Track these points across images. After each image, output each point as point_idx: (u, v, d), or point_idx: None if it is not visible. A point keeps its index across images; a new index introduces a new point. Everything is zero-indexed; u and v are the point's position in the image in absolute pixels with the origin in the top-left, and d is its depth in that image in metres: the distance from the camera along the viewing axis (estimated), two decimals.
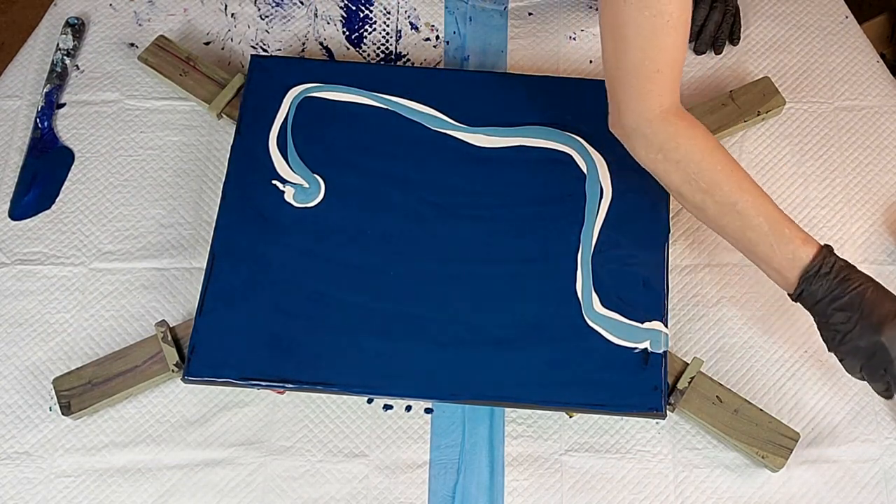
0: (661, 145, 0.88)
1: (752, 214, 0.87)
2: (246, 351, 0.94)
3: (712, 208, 0.88)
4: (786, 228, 0.87)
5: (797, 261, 0.86)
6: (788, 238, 0.86)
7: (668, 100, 0.88)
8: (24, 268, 1.03)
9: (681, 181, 0.89)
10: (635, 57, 0.84)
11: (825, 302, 0.86)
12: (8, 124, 1.11)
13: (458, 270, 0.98)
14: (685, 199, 0.90)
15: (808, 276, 0.85)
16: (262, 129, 1.04)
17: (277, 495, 0.93)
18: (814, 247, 0.86)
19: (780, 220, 0.87)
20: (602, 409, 0.92)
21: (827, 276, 0.85)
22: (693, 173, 0.87)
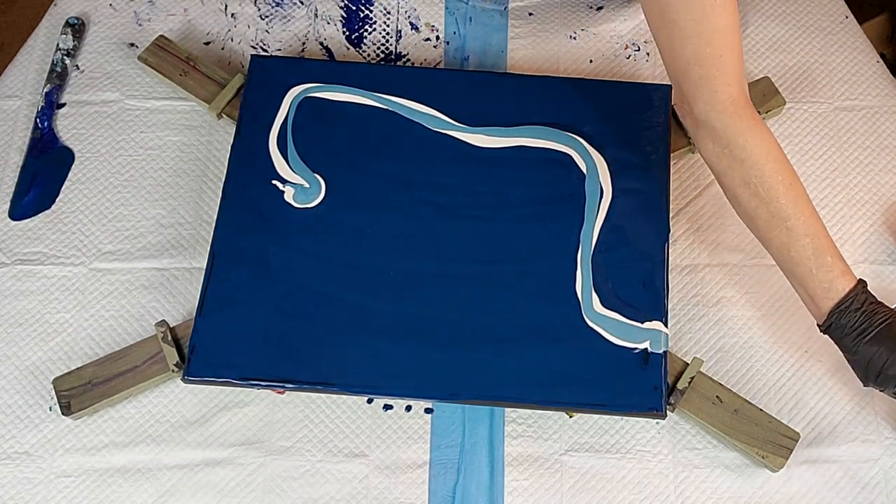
0: (730, 140, 0.86)
1: (801, 234, 0.86)
2: (246, 351, 0.94)
3: (764, 218, 0.87)
4: (829, 256, 0.86)
5: (832, 292, 0.86)
6: (829, 266, 0.86)
7: (737, 90, 0.86)
8: (24, 268, 1.03)
9: (740, 183, 0.87)
10: (692, 43, 0.83)
11: (852, 336, 0.86)
12: (8, 124, 1.11)
13: (458, 270, 0.98)
14: (739, 203, 0.89)
15: (839, 310, 0.85)
16: (262, 129, 1.04)
17: (277, 495, 0.93)
18: (851, 281, 0.86)
19: (825, 247, 0.86)
20: (602, 409, 0.92)
21: (858, 310, 0.85)
22: (754, 177, 0.86)
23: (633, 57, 1.16)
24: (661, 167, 1.03)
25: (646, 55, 1.16)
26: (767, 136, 0.88)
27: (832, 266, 0.86)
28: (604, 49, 1.16)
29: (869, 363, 0.86)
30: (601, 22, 1.18)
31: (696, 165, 1.09)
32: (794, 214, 0.86)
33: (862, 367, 0.86)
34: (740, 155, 0.86)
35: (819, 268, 0.86)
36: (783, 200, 0.86)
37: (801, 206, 0.86)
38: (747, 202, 0.88)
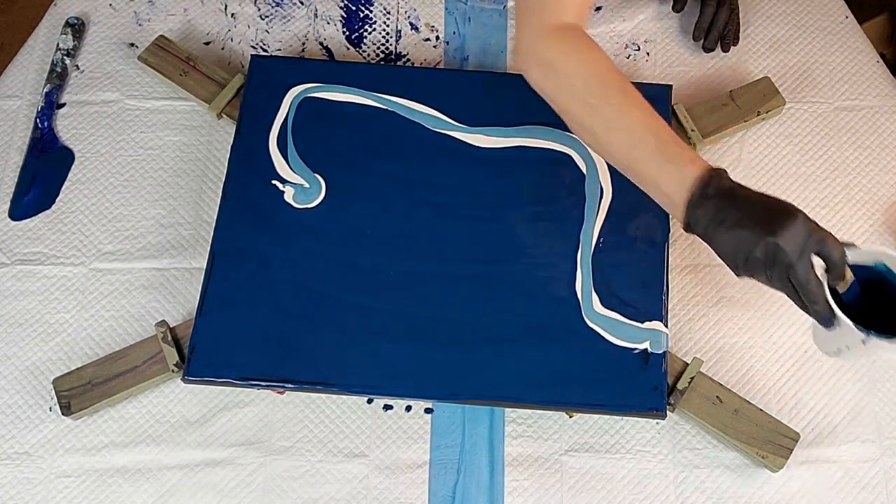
0: (552, 60, 0.83)
1: (641, 131, 0.80)
2: (246, 351, 0.94)
3: (600, 125, 0.82)
4: (674, 147, 0.79)
5: (685, 181, 0.77)
6: (676, 157, 0.79)
7: (569, 19, 0.85)
8: (24, 268, 1.03)
9: (570, 98, 0.83)
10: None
11: (713, 225, 0.76)
12: (8, 124, 1.11)
13: (458, 270, 0.98)
14: (574, 118, 0.84)
15: (693, 201, 0.77)
16: (262, 129, 1.04)
17: (277, 495, 0.93)
18: (702, 167, 0.77)
19: (669, 140, 0.79)
20: (602, 409, 0.92)
21: (714, 196, 0.76)
22: (583, 87, 0.82)
23: (632, 57, 1.16)
24: None
25: (646, 55, 1.16)
26: (594, 49, 0.84)
27: (679, 156, 0.78)
28: (604, 48, 1.16)
29: (735, 250, 0.75)
30: (600, 23, 1.18)
31: None
32: (630, 112, 0.81)
33: (730, 256, 0.76)
34: (564, 70, 0.83)
35: (667, 161, 0.78)
36: (616, 102, 0.81)
37: (637, 103, 0.81)
38: (580, 114, 0.83)
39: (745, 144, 1.10)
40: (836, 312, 0.75)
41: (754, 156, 1.10)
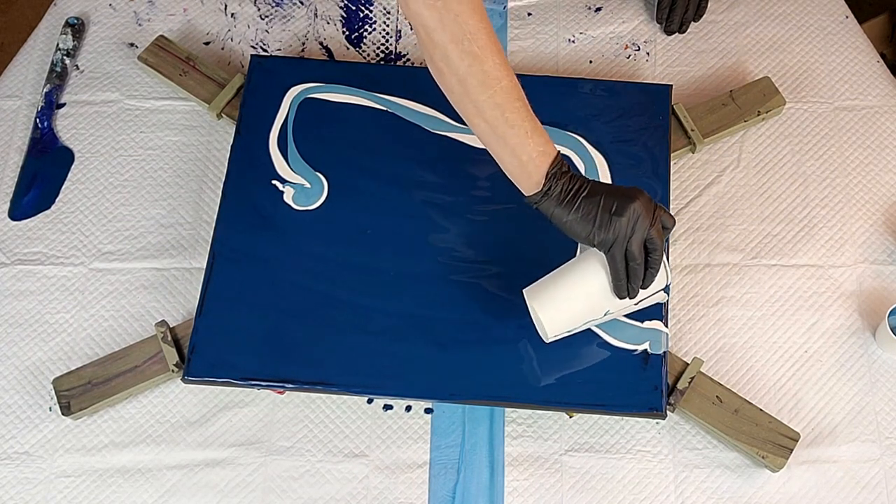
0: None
1: (515, 97, 0.82)
2: (246, 351, 0.94)
3: (478, 77, 0.81)
4: (537, 122, 0.84)
5: (547, 154, 0.83)
6: (541, 131, 0.84)
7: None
8: (24, 268, 1.03)
9: (451, 39, 0.81)
10: None
11: (571, 195, 0.83)
12: (8, 124, 1.11)
13: (458, 270, 0.98)
14: (450, 62, 0.82)
15: (555, 172, 0.83)
16: (262, 129, 1.04)
17: (277, 495, 0.93)
18: (554, 147, 0.85)
19: (533, 114, 0.84)
20: (602, 409, 0.92)
21: (567, 173, 0.84)
22: (469, 33, 0.81)
23: (632, 57, 1.16)
24: (661, 167, 1.03)
25: (646, 55, 1.16)
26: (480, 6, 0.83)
27: (542, 132, 0.84)
28: (603, 49, 1.16)
29: (598, 212, 0.83)
30: (600, 24, 1.18)
31: (696, 165, 1.09)
32: (506, 75, 0.82)
33: (588, 221, 0.83)
34: (455, 7, 0.80)
35: (534, 131, 0.83)
36: (497, 60, 0.82)
37: (510, 72, 0.83)
38: (459, 61, 0.82)
39: (745, 144, 1.10)
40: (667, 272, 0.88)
41: (754, 156, 1.10)
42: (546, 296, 0.87)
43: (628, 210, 0.82)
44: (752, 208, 1.06)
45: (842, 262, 1.04)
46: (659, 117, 1.05)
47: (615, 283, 0.85)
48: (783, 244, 1.05)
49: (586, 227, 0.83)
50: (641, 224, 0.82)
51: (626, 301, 0.87)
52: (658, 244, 0.84)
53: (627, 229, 0.82)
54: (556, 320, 0.87)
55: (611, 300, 0.87)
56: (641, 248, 0.83)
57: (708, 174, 1.08)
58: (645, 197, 0.84)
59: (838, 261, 1.04)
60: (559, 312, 0.87)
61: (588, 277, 0.86)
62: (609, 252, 0.84)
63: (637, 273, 0.84)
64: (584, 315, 0.88)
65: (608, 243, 0.83)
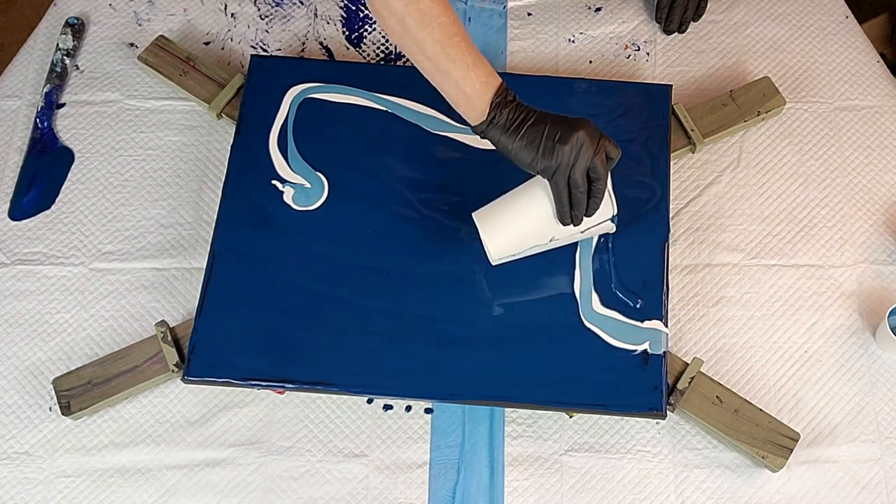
0: None
1: (454, 31, 0.85)
2: (246, 351, 0.94)
3: (414, 17, 0.84)
4: (479, 54, 0.87)
5: (490, 85, 0.86)
6: (483, 63, 0.87)
7: None
8: (24, 268, 1.03)
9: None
10: None
11: (517, 123, 0.86)
12: (8, 124, 1.11)
13: (457, 270, 0.98)
14: (389, 3, 0.85)
15: (499, 101, 0.86)
16: (262, 129, 1.04)
17: (277, 495, 0.93)
18: (498, 77, 0.87)
19: (473, 47, 0.87)
20: (602, 409, 0.92)
21: (513, 101, 0.87)
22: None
23: (632, 57, 1.16)
24: (661, 167, 1.03)
25: (646, 55, 1.16)
26: None
27: (484, 63, 0.86)
28: (603, 49, 1.16)
29: (542, 139, 0.85)
30: (600, 24, 1.18)
31: (696, 165, 1.09)
32: (443, 12, 0.85)
33: (532, 148, 0.86)
34: None
35: (476, 63, 0.86)
36: None
37: (448, 8, 0.86)
38: (397, 2, 0.85)
39: (745, 144, 1.10)
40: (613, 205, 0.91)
41: (754, 156, 1.10)
42: (492, 221, 0.91)
43: (572, 138, 0.84)
44: (752, 208, 1.06)
45: (842, 262, 1.04)
46: (659, 117, 1.05)
47: (559, 210, 0.88)
48: (783, 244, 1.05)
49: (530, 154, 0.86)
50: (585, 152, 0.85)
51: (570, 228, 0.91)
52: (601, 173, 0.86)
53: (570, 157, 0.85)
54: (501, 245, 0.92)
55: (555, 227, 0.91)
56: (584, 176, 0.86)
57: (708, 174, 1.08)
58: (590, 126, 0.86)
59: (838, 261, 1.04)
60: (504, 237, 0.91)
61: (533, 204, 0.90)
62: (552, 179, 0.87)
63: (580, 201, 0.87)
64: (528, 240, 0.92)
65: (551, 170, 0.86)
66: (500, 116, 0.86)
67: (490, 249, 0.92)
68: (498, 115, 0.86)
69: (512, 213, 0.91)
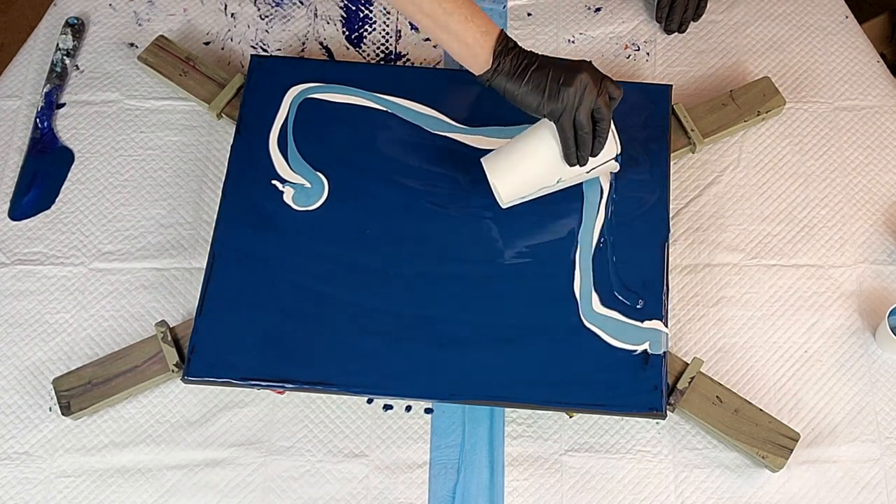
0: None
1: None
2: (246, 351, 0.94)
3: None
4: (475, 6, 0.88)
5: (490, 34, 0.88)
6: (480, 14, 0.88)
7: None
8: (24, 268, 1.03)
9: None
10: None
11: (522, 69, 0.88)
12: (8, 124, 1.11)
13: (457, 270, 0.98)
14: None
15: (502, 49, 0.87)
16: (262, 129, 1.04)
17: (277, 495, 0.93)
18: (497, 26, 0.89)
19: (471, 0, 0.88)
20: (602, 409, 0.92)
21: (515, 47, 0.88)
22: None
23: (632, 57, 1.16)
24: (661, 167, 1.03)
25: (646, 55, 1.16)
26: None
27: (481, 13, 0.88)
28: (603, 49, 1.16)
29: (547, 83, 0.87)
30: (600, 24, 1.18)
31: (696, 165, 1.09)
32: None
33: (538, 92, 0.87)
34: None
35: (473, 14, 0.88)
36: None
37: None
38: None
39: (745, 144, 1.10)
40: None
41: (754, 156, 1.10)
42: (501, 165, 0.94)
43: (576, 81, 0.86)
44: (752, 208, 1.06)
45: (842, 262, 1.04)
46: (659, 117, 1.05)
47: (565, 151, 0.91)
48: (783, 244, 1.05)
49: (536, 98, 0.88)
50: (589, 94, 0.87)
51: (577, 169, 0.94)
52: (605, 113, 0.89)
53: (575, 99, 0.87)
54: (510, 188, 0.94)
55: (562, 168, 0.93)
56: (589, 117, 0.88)
57: (708, 174, 1.08)
58: (592, 68, 0.88)
59: (838, 261, 1.04)
60: (513, 181, 0.94)
61: (540, 147, 0.93)
62: (559, 122, 0.89)
63: (586, 142, 0.90)
64: (536, 182, 0.94)
65: (557, 113, 0.88)
66: (504, 63, 0.88)
67: (500, 192, 0.94)
68: (502, 63, 0.88)
69: (520, 157, 0.93)
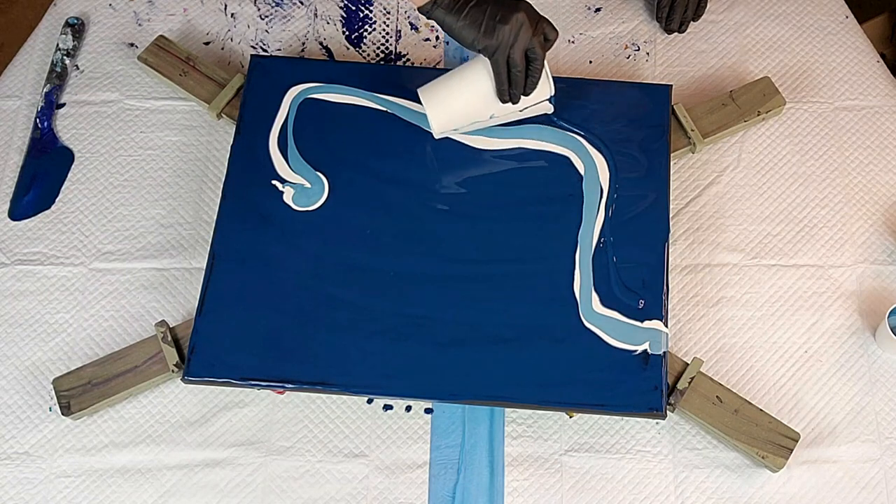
0: None
1: None
2: (246, 351, 0.94)
3: None
4: None
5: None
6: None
7: None
8: (24, 268, 1.03)
9: None
10: None
11: (458, 6, 0.90)
12: (8, 124, 1.11)
13: (457, 270, 0.98)
14: None
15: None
16: (262, 129, 1.04)
17: (277, 495, 0.93)
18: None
19: None
20: (602, 409, 0.92)
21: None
22: None
23: (632, 57, 1.16)
24: (661, 167, 1.03)
25: (645, 55, 1.16)
26: None
27: None
28: (603, 49, 1.16)
29: (484, 19, 0.89)
30: (600, 24, 1.18)
31: (696, 165, 1.09)
32: None
33: (474, 27, 0.90)
34: None
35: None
36: None
37: None
38: None
39: (745, 144, 1.10)
40: None
41: (754, 156, 1.10)
42: (435, 96, 0.97)
43: (512, 18, 0.89)
44: (752, 208, 1.06)
45: (842, 262, 1.04)
46: (659, 117, 1.05)
47: (498, 87, 0.94)
48: (783, 244, 1.05)
49: (472, 33, 0.90)
50: (524, 33, 0.89)
51: (510, 107, 0.96)
52: (539, 53, 0.91)
53: (510, 36, 0.89)
54: (443, 118, 0.97)
55: (495, 104, 0.96)
56: (523, 56, 0.91)
57: (708, 174, 1.08)
58: (529, 8, 0.90)
59: (838, 261, 1.04)
60: (446, 112, 0.97)
61: (474, 81, 0.95)
62: (493, 58, 0.91)
63: (518, 80, 0.93)
64: (469, 115, 0.98)
65: (491, 49, 0.90)
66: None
67: (432, 122, 0.97)
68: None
69: (454, 89, 0.96)
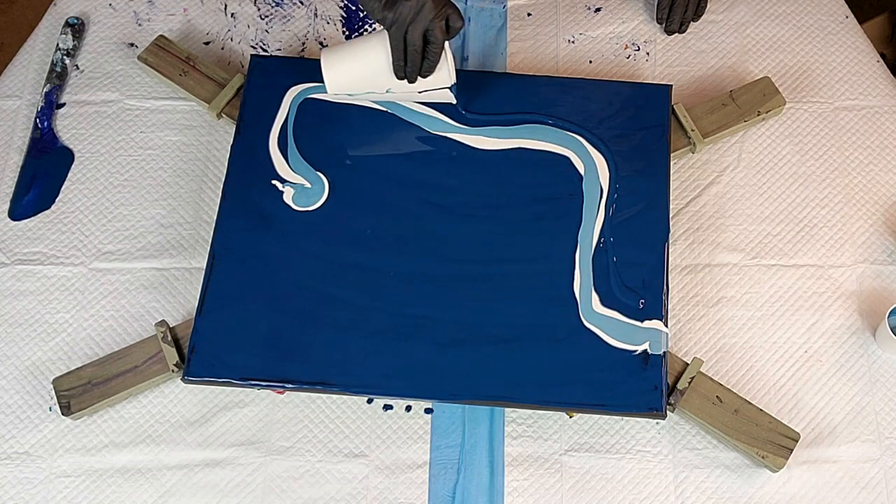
0: None
1: None
2: (246, 351, 0.94)
3: None
4: None
5: None
6: None
7: None
8: (24, 268, 1.03)
9: None
10: None
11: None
12: (8, 124, 1.11)
13: (457, 270, 0.98)
14: None
15: None
16: (262, 129, 1.04)
17: (277, 495, 0.93)
18: None
19: None
20: (602, 409, 0.92)
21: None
22: None
23: (632, 57, 1.16)
24: (661, 167, 1.03)
25: (645, 55, 1.16)
26: None
27: None
28: (603, 49, 1.16)
29: None
30: (600, 24, 1.18)
31: (696, 165, 1.09)
32: None
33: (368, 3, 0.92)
34: None
35: None
36: None
37: None
38: None
39: (745, 144, 1.10)
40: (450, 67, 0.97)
41: (754, 156, 1.10)
42: (334, 58, 0.99)
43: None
44: (752, 208, 1.06)
45: (842, 262, 1.04)
46: (659, 117, 1.05)
47: (394, 62, 0.95)
48: (783, 244, 1.05)
49: (376, 3, 0.92)
50: (425, 14, 0.91)
51: (406, 85, 0.98)
52: (437, 37, 0.92)
53: (409, 14, 0.91)
54: (337, 80, 0.99)
55: (391, 79, 0.98)
56: (421, 36, 0.92)
57: (708, 174, 1.08)
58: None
59: (838, 261, 1.04)
60: (340, 74, 0.99)
61: (373, 51, 0.97)
62: (390, 31, 0.93)
63: (414, 59, 0.94)
64: (364, 84, 1.00)
65: (388, 22, 0.92)
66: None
67: (326, 80, 0.99)
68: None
69: (352, 55, 0.98)
